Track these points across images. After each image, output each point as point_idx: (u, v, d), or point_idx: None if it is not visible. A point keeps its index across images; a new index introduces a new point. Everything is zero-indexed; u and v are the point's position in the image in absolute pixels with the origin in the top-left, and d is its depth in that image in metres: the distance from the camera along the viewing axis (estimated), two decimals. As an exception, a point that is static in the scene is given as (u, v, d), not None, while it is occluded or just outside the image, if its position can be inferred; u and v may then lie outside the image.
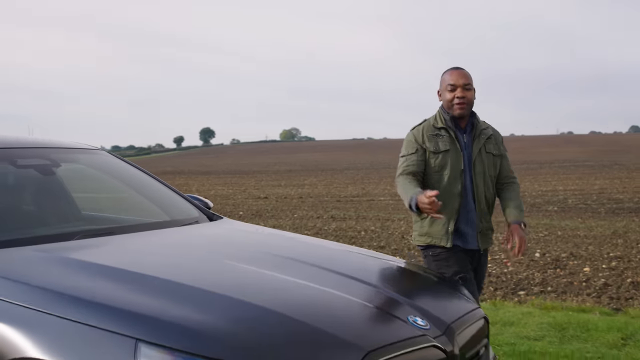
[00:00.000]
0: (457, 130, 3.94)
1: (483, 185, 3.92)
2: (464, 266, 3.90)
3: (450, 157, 3.88)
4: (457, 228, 3.88)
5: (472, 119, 4.00)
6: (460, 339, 2.68)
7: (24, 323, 2.40)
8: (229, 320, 2.33)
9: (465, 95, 3.89)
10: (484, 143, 3.99)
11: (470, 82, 3.95)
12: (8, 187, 3.44)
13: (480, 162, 3.94)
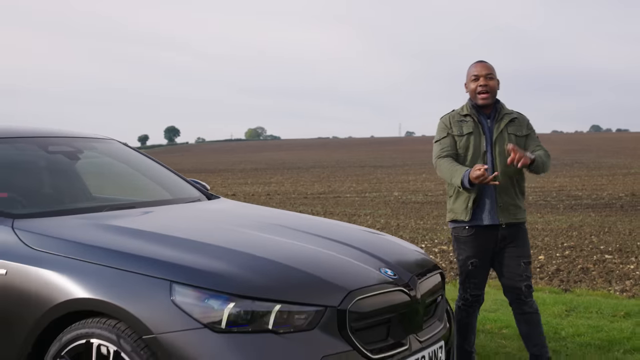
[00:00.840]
0: (481, 116, 4.38)
1: (503, 162, 4.26)
2: (478, 253, 4.33)
3: (473, 139, 4.32)
4: (478, 203, 4.28)
5: (497, 105, 4.43)
6: (421, 288, 3.40)
7: (74, 272, 3.06)
8: (239, 267, 3.02)
9: (487, 84, 4.34)
10: (505, 126, 4.37)
11: (492, 72, 4.39)
12: (43, 169, 4.09)
13: (502, 143, 4.32)
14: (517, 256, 4.36)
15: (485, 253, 4.37)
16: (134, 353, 2.85)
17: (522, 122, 4.45)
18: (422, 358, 3.27)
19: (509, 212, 4.30)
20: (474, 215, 4.29)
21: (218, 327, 2.82)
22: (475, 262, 4.36)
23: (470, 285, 4.44)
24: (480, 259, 4.37)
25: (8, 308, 3.14)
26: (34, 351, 3.11)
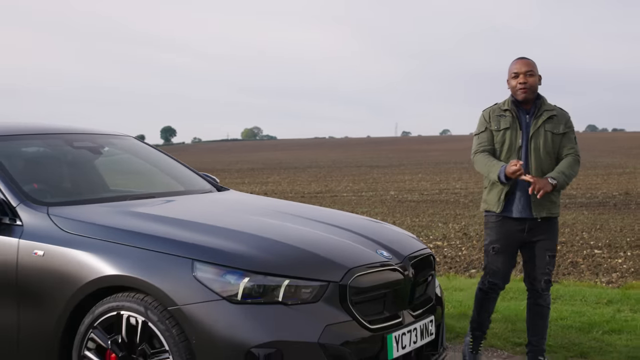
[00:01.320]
0: (520, 111, 4.50)
1: (539, 159, 4.42)
2: (502, 239, 4.48)
3: (510, 134, 4.46)
4: (510, 196, 4.44)
5: (537, 101, 4.53)
6: (413, 268, 3.82)
7: (104, 252, 3.47)
8: (252, 247, 3.44)
9: (527, 81, 4.45)
10: (543, 123, 4.46)
11: (532, 69, 4.48)
12: (71, 165, 4.53)
13: (537, 139, 4.43)
14: (545, 249, 4.51)
15: (509, 241, 4.51)
16: (160, 323, 3.27)
17: (560, 119, 4.53)
18: (414, 330, 3.69)
19: (543, 207, 4.42)
20: (505, 208, 4.46)
21: (234, 299, 3.24)
22: (497, 247, 4.51)
23: (489, 271, 4.59)
24: (503, 245, 4.50)
25: (47, 285, 3.55)
26: (69, 322, 3.52)
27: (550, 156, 4.46)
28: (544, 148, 4.42)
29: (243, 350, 3.18)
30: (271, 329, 3.22)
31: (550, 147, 4.45)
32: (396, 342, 3.55)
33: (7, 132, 4.41)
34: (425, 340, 3.81)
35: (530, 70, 4.47)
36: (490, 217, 4.57)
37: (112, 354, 3.42)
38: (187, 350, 3.23)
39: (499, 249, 4.51)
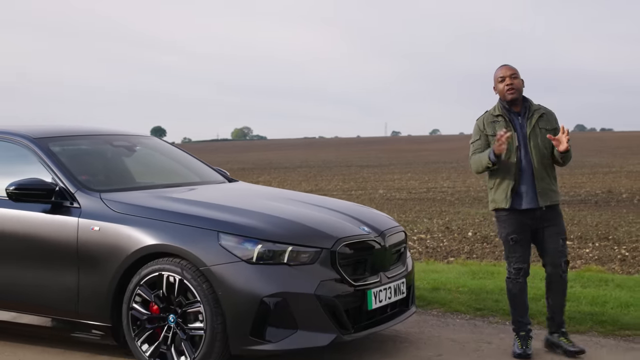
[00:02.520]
0: (512, 114, 4.93)
1: (539, 154, 4.87)
2: (517, 229, 4.89)
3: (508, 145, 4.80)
4: (516, 191, 4.84)
5: (525, 103, 4.98)
6: (388, 240, 4.94)
7: (147, 227, 4.56)
8: (263, 222, 4.56)
9: (513, 83, 4.89)
10: (536, 121, 4.92)
11: (515, 72, 4.95)
12: (113, 161, 5.65)
13: (535, 137, 4.88)
14: (556, 233, 4.95)
15: (523, 229, 4.92)
16: (193, 280, 4.36)
17: (550, 116, 5.01)
18: (389, 288, 4.80)
19: (547, 196, 4.90)
20: (513, 202, 4.86)
21: (251, 261, 4.35)
22: (515, 237, 4.92)
23: (512, 259, 4.98)
24: (519, 234, 4.92)
25: (102, 253, 4.64)
26: (120, 282, 4.60)
27: (547, 151, 4.91)
28: (542, 144, 4.88)
29: (257, 299, 4.28)
30: (278, 283, 4.33)
31: (547, 142, 4.89)
32: (374, 296, 4.67)
33: (62, 133, 5.52)
34: (398, 297, 4.92)
35: (514, 73, 4.95)
36: (501, 213, 4.98)
37: (155, 305, 4.51)
38: (215, 300, 4.32)
39: (516, 239, 4.93)
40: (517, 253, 4.97)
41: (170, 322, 4.48)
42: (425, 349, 5.10)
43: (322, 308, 4.38)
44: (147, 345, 4.54)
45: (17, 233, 4.94)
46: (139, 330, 4.57)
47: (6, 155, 5.31)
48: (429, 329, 5.63)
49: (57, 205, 4.85)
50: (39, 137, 5.28)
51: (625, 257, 10.48)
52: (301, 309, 4.34)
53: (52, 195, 4.84)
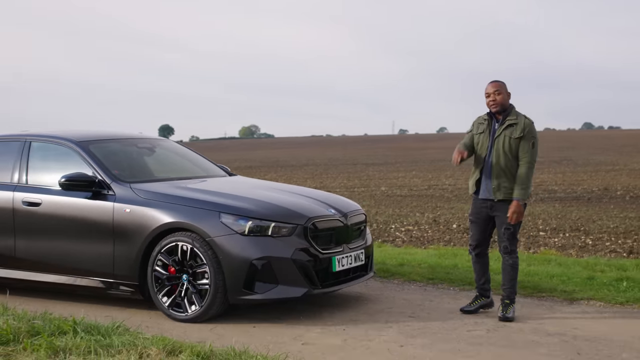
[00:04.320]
0: (493, 120, 6.23)
1: (500, 157, 6.09)
2: (474, 213, 6.32)
3: (482, 137, 6.24)
4: (480, 182, 6.22)
5: (505, 113, 6.19)
6: (350, 220, 6.62)
7: (166, 209, 6.25)
8: (253, 205, 6.25)
9: (495, 99, 6.16)
10: (503, 129, 6.14)
11: (500, 89, 6.17)
12: (137, 159, 7.36)
13: (499, 142, 6.13)
14: (502, 223, 6.19)
15: (479, 215, 6.31)
16: (201, 248, 6.04)
17: (519, 127, 6.11)
18: (350, 256, 6.48)
19: (501, 191, 6.14)
20: (476, 190, 6.32)
21: (244, 233, 6.03)
22: (472, 218, 6.40)
23: (469, 236, 6.53)
24: (476, 217, 6.33)
25: (132, 229, 6.33)
26: (145, 250, 6.29)
27: (507, 155, 6.09)
28: (502, 148, 6.12)
29: (248, 261, 5.97)
30: (264, 250, 6.01)
31: (508, 147, 6.10)
32: (338, 262, 6.35)
33: (98, 137, 7.24)
34: (358, 263, 6.61)
35: (497, 90, 6.19)
36: (472, 197, 6.50)
37: (172, 267, 6.20)
38: (217, 262, 6.00)
39: (472, 220, 6.42)
40: (472, 232, 6.46)
41: (184, 280, 6.17)
42: (381, 304, 6.79)
43: (296, 269, 6.06)
44: (166, 297, 6.24)
45: (68, 215, 6.66)
46: (160, 286, 6.26)
47: (56, 155, 7.04)
48: (387, 292, 7.31)
49: (97, 193, 6.56)
50: (80, 140, 7.00)
51: (586, 245, 12.06)
52: (281, 269, 6.03)
53: (93, 185, 6.55)
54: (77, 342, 4.87)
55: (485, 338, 5.64)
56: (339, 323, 6.12)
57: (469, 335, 5.71)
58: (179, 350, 4.78)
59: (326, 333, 5.81)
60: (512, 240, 6.25)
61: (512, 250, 6.28)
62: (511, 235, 6.22)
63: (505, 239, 6.24)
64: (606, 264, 8.63)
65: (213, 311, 6.08)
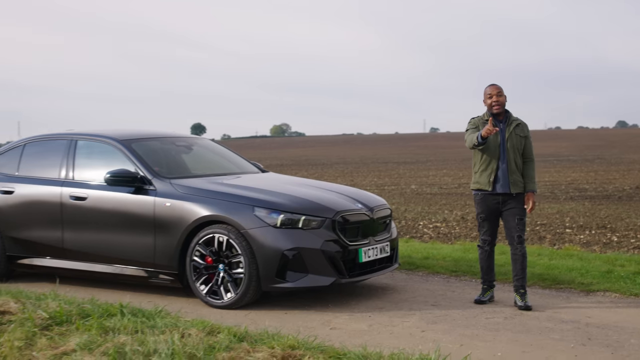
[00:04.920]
0: (496, 121, 6.65)
1: (513, 154, 6.61)
2: (485, 210, 6.67)
3: (492, 137, 6.55)
4: (496, 179, 6.61)
5: (507, 114, 6.72)
6: (376, 214, 7.06)
7: (204, 203, 6.73)
8: (285, 199, 6.71)
9: (498, 100, 6.65)
10: (513, 128, 6.67)
11: (501, 91, 6.67)
12: (176, 156, 7.87)
13: (511, 140, 6.62)
14: (515, 214, 6.64)
15: (491, 211, 6.70)
16: (236, 239, 6.51)
17: (523, 127, 6.75)
18: (376, 248, 6.92)
19: (517, 185, 6.65)
20: (493, 187, 6.63)
21: (276, 226, 6.49)
22: (483, 215, 6.75)
23: (480, 231, 6.83)
24: (488, 214, 6.72)
25: (172, 221, 6.82)
26: (184, 242, 6.77)
27: (518, 151, 6.68)
28: (515, 146, 6.67)
29: (280, 252, 6.43)
30: (295, 241, 6.47)
31: (519, 145, 6.70)
32: (364, 253, 6.79)
33: (139, 136, 7.76)
34: (383, 255, 7.05)
35: (499, 91, 6.71)
36: (477, 195, 6.77)
37: (209, 257, 6.68)
38: (251, 253, 6.47)
39: (484, 217, 6.79)
40: (484, 228, 6.84)
41: (220, 269, 6.65)
42: (405, 293, 7.21)
43: (325, 259, 6.51)
44: (204, 285, 6.73)
45: (112, 208, 7.18)
46: (198, 275, 6.75)
47: (100, 153, 7.57)
48: (411, 283, 7.73)
49: (139, 188, 7.07)
50: (123, 139, 7.52)
51: (611, 242, 12.34)
52: (311, 259, 6.48)
53: (136, 181, 7.06)
54: (124, 323, 5.36)
55: (502, 324, 6.04)
56: (365, 310, 6.57)
57: (487, 322, 6.12)
58: (217, 331, 5.25)
59: (353, 319, 6.26)
60: (524, 230, 6.71)
61: (524, 239, 6.72)
62: (523, 226, 6.70)
63: (519, 229, 6.66)
64: (626, 259, 8.95)
65: (247, 298, 6.56)
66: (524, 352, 5.27)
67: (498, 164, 6.68)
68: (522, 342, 5.53)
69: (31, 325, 5.42)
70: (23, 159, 8.06)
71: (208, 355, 4.72)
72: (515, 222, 6.66)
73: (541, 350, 5.31)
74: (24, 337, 5.21)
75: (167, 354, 4.68)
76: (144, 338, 5.00)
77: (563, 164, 43.48)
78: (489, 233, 6.83)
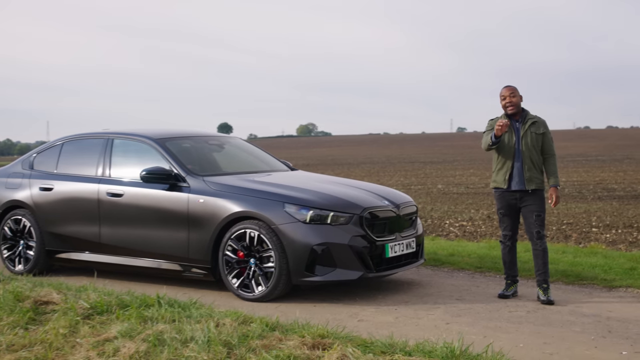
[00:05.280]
0: (513, 121, 6.94)
1: (528, 151, 6.84)
2: (504, 206, 6.95)
3: (507, 136, 6.90)
4: (511, 176, 6.89)
5: (523, 113, 6.97)
6: (402, 211, 7.30)
7: (236, 199, 7.02)
8: (314, 196, 6.97)
9: (511, 101, 6.92)
10: (528, 126, 6.90)
11: (514, 92, 6.93)
12: (208, 154, 8.17)
13: (526, 138, 6.87)
14: (533, 211, 6.88)
15: (510, 207, 6.97)
16: (267, 234, 6.78)
17: (540, 124, 6.96)
18: (402, 244, 7.15)
19: (532, 182, 6.87)
20: (508, 184, 6.93)
21: (305, 221, 6.75)
22: (503, 211, 7.04)
23: (501, 227, 7.10)
24: (507, 210, 7.00)
25: (205, 217, 7.11)
26: (217, 237, 7.06)
27: (534, 149, 6.90)
28: (530, 143, 6.89)
29: (309, 247, 6.69)
30: (324, 236, 6.72)
31: (535, 143, 6.92)
32: (391, 248, 7.03)
33: (173, 135, 8.07)
34: (409, 250, 7.28)
35: (512, 92, 6.99)
36: (496, 192, 7.07)
37: (241, 252, 6.96)
38: (281, 248, 6.74)
39: (504, 213, 7.08)
40: (505, 224, 7.11)
41: (251, 263, 6.93)
42: (430, 288, 7.45)
43: (353, 254, 6.76)
44: (236, 279, 7.01)
45: (147, 204, 7.50)
46: (230, 269, 7.03)
47: (135, 151, 7.90)
48: (436, 278, 7.96)
49: (174, 185, 7.37)
50: (158, 138, 7.83)
51: (637, 240, 12.44)
52: (339, 254, 6.73)
53: (170, 178, 7.37)
54: (162, 313, 5.65)
55: (525, 318, 6.25)
56: (391, 304, 6.81)
57: (510, 315, 6.33)
58: (250, 321, 5.51)
59: (380, 312, 6.50)
60: (543, 226, 6.92)
61: (543, 235, 6.94)
62: (542, 221, 6.91)
63: (537, 225, 6.90)
64: (651, 257, 9.09)
65: (278, 291, 6.83)
66: (545, 344, 5.48)
67: (513, 162, 6.94)
68: (543, 334, 5.73)
69: (74, 315, 5.73)
70: (61, 157, 8.42)
71: (242, 343, 4.98)
72: (534, 219, 6.90)
73: (562, 342, 5.52)
74: (67, 325, 5.52)
75: (204, 341, 4.95)
76: (181, 326, 5.28)
77: (592, 163, 43.34)
78: (509, 228, 7.09)
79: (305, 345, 4.93)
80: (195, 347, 4.91)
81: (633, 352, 5.29)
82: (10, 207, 8.50)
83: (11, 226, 8.47)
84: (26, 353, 5.20)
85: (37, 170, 8.54)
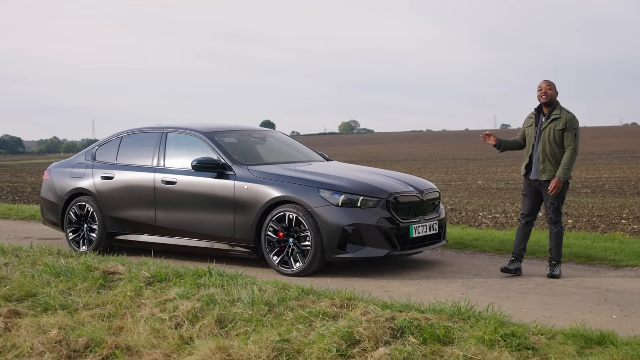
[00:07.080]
0: (540, 115, 7.76)
1: (546, 145, 7.62)
2: (526, 189, 7.84)
3: (531, 130, 7.82)
4: (531, 166, 7.80)
5: (552, 108, 7.69)
6: (426, 196, 8.26)
7: (277, 186, 8.05)
8: (346, 182, 7.99)
9: (547, 92, 7.64)
10: (549, 122, 7.65)
11: (551, 86, 7.67)
12: (252, 146, 9.22)
13: (545, 133, 7.64)
14: (548, 199, 7.73)
15: (530, 190, 7.85)
16: (305, 217, 7.78)
17: (562, 120, 7.65)
18: (425, 226, 8.10)
19: (546, 173, 7.71)
20: (527, 173, 7.91)
21: (338, 205, 7.75)
22: (524, 192, 7.95)
23: (522, 208, 7.99)
24: (528, 192, 7.88)
25: (249, 202, 8.15)
26: (260, 219, 8.08)
27: (552, 144, 7.66)
28: (547, 138, 7.70)
29: (341, 227, 7.68)
30: (354, 218, 7.71)
31: (553, 138, 7.67)
32: (415, 230, 7.99)
33: (221, 129, 9.17)
34: (432, 232, 8.23)
35: (549, 86, 7.75)
36: (524, 179, 8.05)
37: (281, 233, 7.98)
38: (317, 229, 7.73)
39: (524, 194, 7.99)
40: (525, 204, 8.03)
41: (290, 242, 7.95)
42: (451, 266, 8.38)
43: (380, 234, 7.74)
44: (277, 257, 8.05)
45: (198, 191, 8.58)
46: (271, 248, 8.06)
47: (187, 143, 8.99)
48: (459, 259, 8.89)
49: (221, 174, 8.43)
50: (207, 132, 8.90)
51: (658, 230, 13.13)
52: (367, 234, 7.72)
53: (218, 167, 8.43)
54: (213, 281, 6.71)
55: (532, 289, 7.16)
56: (415, 278, 7.77)
57: (520, 288, 7.24)
58: (288, 288, 6.52)
59: (403, 284, 7.47)
60: (557, 213, 7.79)
61: (557, 221, 7.80)
62: (556, 209, 7.77)
63: (551, 212, 7.81)
64: (667, 243, 9.86)
65: (314, 267, 7.84)
66: (546, 309, 6.39)
67: (532, 154, 7.85)
68: (546, 303, 6.64)
69: (138, 282, 6.82)
70: (121, 149, 9.55)
71: (281, 303, 6.00)
72: (548, 206, 7.83)
73: (561, 308, 6.43)
74: (133, 290, 6.61)
75: (249, 301, 5.99)
76: (230, 290, 6.33)
77: (637, 160, 43.40)
78: (527, 208, 7.99)
79: (335, 305, 5.92)
80: (242, 305, 5.95)
81: (622, 316, 6.17)
82: (76, 195, 9.66)
83: (76, 211, 9.62)
84: (100, 310, 6.30)
85: (99, 161, 9.68)
